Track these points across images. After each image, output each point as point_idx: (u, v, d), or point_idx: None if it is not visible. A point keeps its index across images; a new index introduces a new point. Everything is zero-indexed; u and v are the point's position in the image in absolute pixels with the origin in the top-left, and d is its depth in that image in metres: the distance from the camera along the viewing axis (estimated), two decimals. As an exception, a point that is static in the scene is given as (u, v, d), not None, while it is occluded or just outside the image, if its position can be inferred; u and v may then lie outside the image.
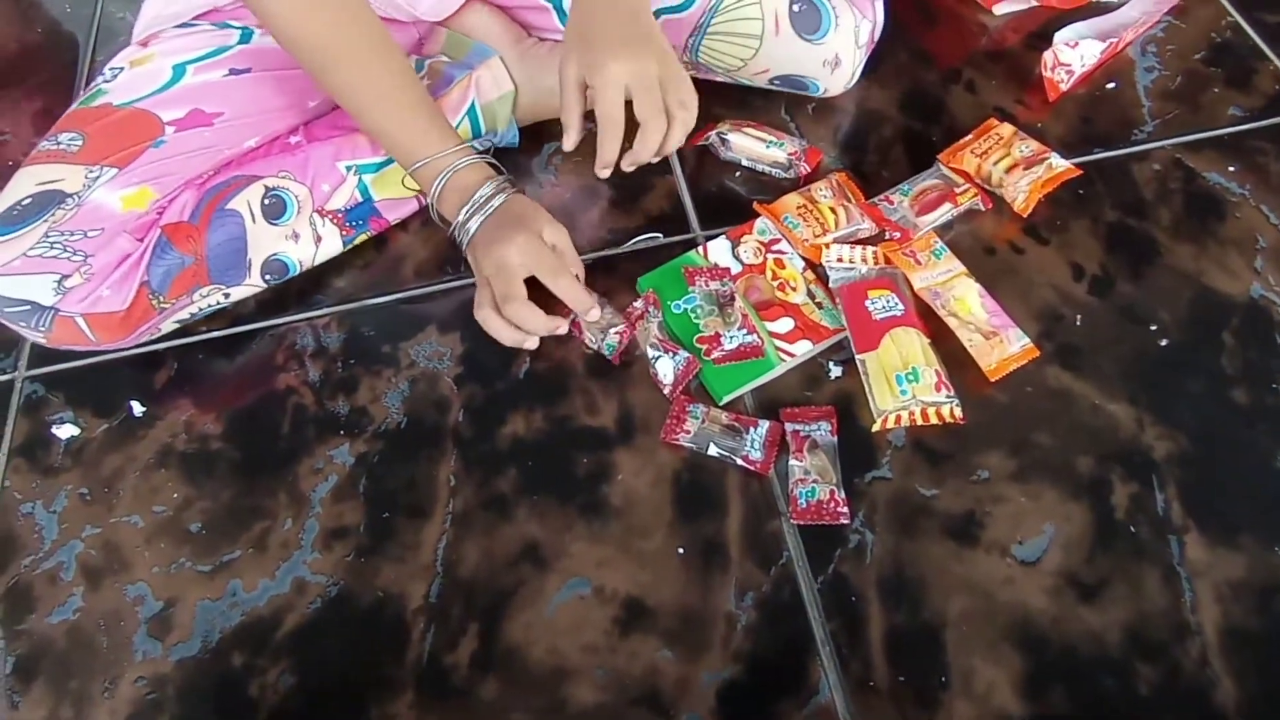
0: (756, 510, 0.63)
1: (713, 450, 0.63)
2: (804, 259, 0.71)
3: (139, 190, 0.64)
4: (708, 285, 0.68)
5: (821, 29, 0.73)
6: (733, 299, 0.67)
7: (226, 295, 0.70)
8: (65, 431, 0.71)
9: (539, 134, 0.81)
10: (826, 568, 0.60)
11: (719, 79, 0.80)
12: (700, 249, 0.72)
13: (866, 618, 0.58)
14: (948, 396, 0.63)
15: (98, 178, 0.63)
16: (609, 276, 0.73)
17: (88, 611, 0.63)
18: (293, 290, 0.75)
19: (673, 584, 0.60)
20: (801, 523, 0.61)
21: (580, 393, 0.68)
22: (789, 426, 0.64)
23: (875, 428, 0.64)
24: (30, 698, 0.60)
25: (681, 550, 0.61)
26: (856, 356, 0.65)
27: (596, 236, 0.76)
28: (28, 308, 0.62)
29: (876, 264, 0.70)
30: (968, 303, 0.67)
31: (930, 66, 0.85)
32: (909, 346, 0.65)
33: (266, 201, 0.68)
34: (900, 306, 0.66)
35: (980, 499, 0.62)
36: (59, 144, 0.65)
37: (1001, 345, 0.66)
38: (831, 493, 0.62)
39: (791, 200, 0.73)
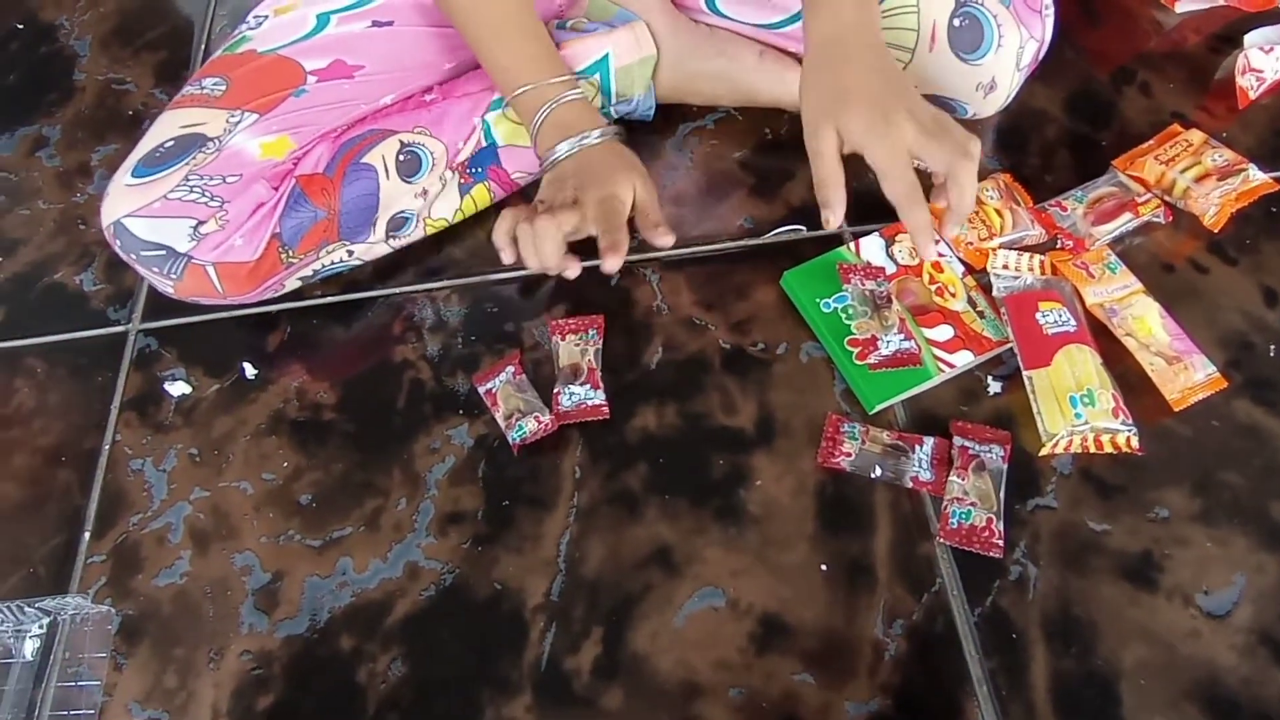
0: (907, 530, 0.58)
1: (877, 473, 0.58)
2: (964, 263, 0.66)
3: (278, 138, 0.61)
4: (863, 284, 0.63)
5: (982, 48, 0.66)
6: (890, 301, 0.63)
7: (350, 253, 0.67)
8: (177, 389, 0.69)
9: (674, 113, 0.77)
10: (984, 599, 0.55)
11: None
12: (851, 245, 0.67)
13: (1029, 659, 0.53)
14: (1125, 424, 0.58)
15: (239, 123, 0.61)
16: (747, 268, 0.69)
17: (194, 577, 0.60)
18: (410, 260, 0.72)
19: (814, 603, 0.56)
20: (949, 543, 0.56)
21: (717, 390, 0.64)
22: (958, 440, 0.59)
23: (1042, 451, 0.58)
24: (135, 661, 0.58)
25: (824, 567, 0.57)
26: (1024, 372, 0.60)
27: (735, 225, 0.72)
28: (163, 253, 0.60)
29: (1043, 274, 0.64)
30: (1148, 323, 0.62)
31: (1100, 66, 0.78)
32: (1083, 366, 0.59)
33: (402, 158, 0.65)
34: (1073, 322, 0.61)
35: (1159, 539, 0.56)
36: (203, 88, 0.63)
37: (1186, 372, 0.60)
38: (989, 521, 0.56)
39: (954, 199, 0.67)
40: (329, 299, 0.72)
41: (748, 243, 0.71)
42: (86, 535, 0.63)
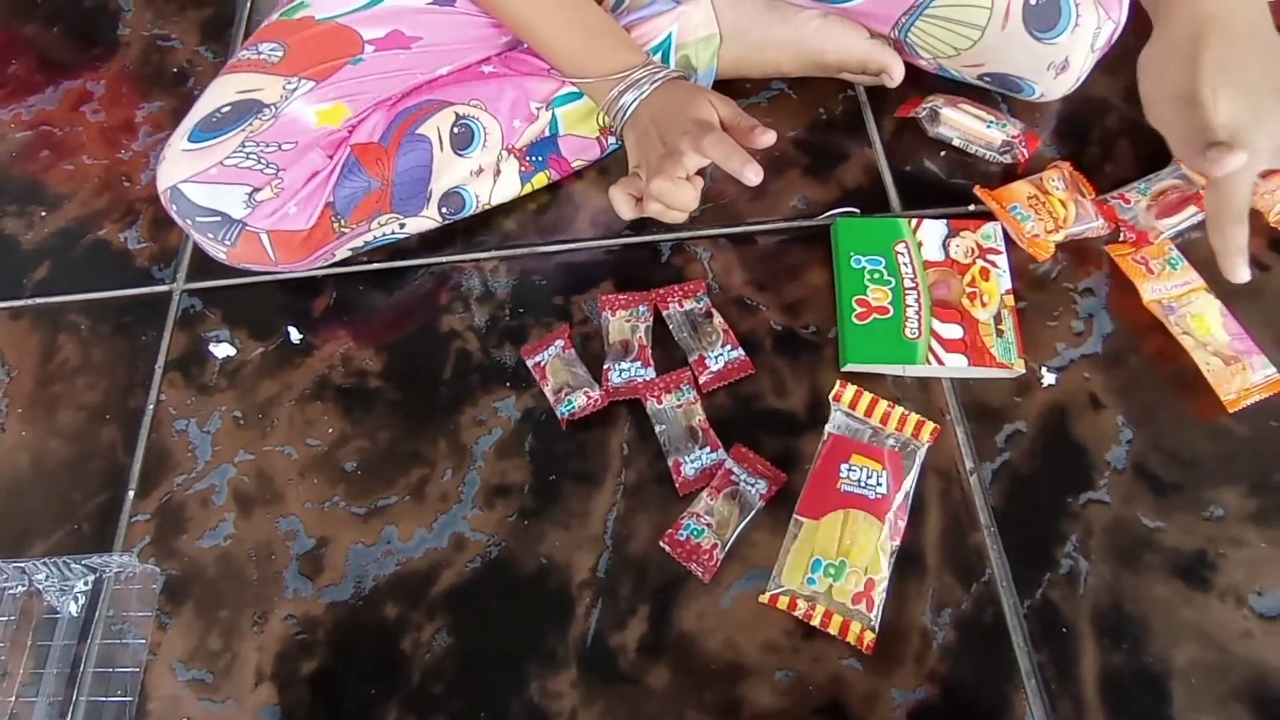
0: (957, 519, 0.57)
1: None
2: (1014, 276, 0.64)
3: (334, 106, 0.61)
4: (681, 306, 0.65)
5: (1058, 27, 0.65)
6: (710, 315, 0.64)
7: (402, 225, 0.66)
8: (221, 350, 0.68)
9: (727, 90, 0.75)
10: (1034, 592, 0.55)
11: (921, 63, 0.74)
12: (911, 223, 0.66)
13: (1079, 653, 0.53)
14: (862, 611, 0.53)
15: (295, 89, 0.60)
16: (800, 250, 0.68)
17: (239, 540, 0.60)
18: (459, 229, 0.72)
19: (863, 589, 0.56)
20: (667, 548, 0.56)
21: (768, 372, 0.63)
22: (730, 462, 0.58)
23: (763, 598, 0.54)
24: (179, 621, 0.58)
25: (874, 554, 0.57)
26: (795, 515, 0.57)
27: (788, 206, 0.71)
28: (218, 219, 0.59)
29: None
30: (1207, 321, 0.61)
31: (1164, 57, 0.77)
32: (865, 537, 0.54)
33: (455, 130, 0.64)
34: (882, 489, 0.56)
35: (1213, 539, 0.56)
36: (259, 54, 0.62)
37: (1244, 373, 0.59)
38: (714, 547, 0.56)
39: (1021, 189, 0.66)
40: (375, 265, 0.71)
41: (801, 224, 0.70)
42: (131, 494, 0.63)
